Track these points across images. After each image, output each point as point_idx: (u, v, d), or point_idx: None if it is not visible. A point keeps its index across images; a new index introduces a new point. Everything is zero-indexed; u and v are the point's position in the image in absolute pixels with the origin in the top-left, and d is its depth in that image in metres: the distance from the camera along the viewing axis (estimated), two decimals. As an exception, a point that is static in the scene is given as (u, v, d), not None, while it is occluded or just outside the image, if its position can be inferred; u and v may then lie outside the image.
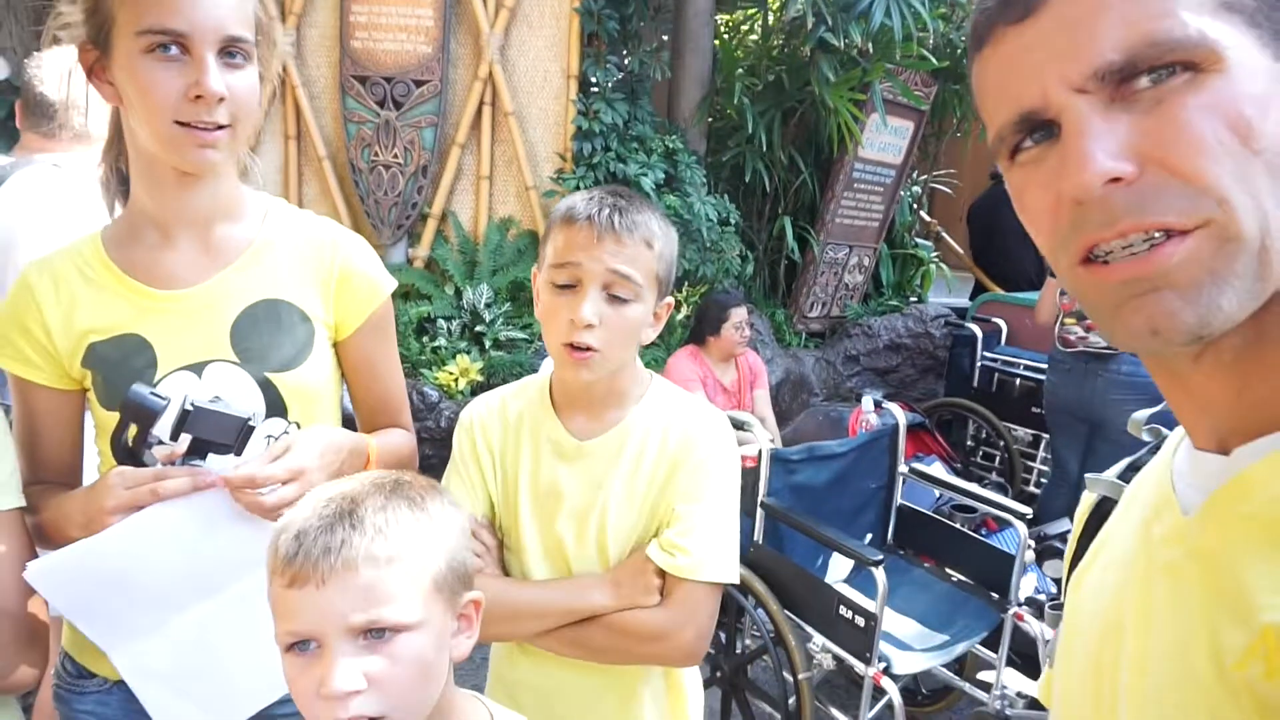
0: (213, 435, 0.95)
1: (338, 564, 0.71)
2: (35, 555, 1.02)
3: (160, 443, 0.98)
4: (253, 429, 0.96)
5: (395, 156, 3.99)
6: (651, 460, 1.11)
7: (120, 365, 1.05)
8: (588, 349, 1.04)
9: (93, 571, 0.94)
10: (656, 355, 3.96)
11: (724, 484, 1.11)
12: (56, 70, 1.80)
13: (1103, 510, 0.70)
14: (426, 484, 0.83)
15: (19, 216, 1.61)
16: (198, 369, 1.05)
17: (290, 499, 0.96)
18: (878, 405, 3.40)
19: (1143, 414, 0.72)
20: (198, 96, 0.95)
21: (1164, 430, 0.68)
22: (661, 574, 1.08)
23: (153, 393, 0.94)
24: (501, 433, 1.16)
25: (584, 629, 1.07)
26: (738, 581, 1.11)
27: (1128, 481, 0.67)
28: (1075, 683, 0.61)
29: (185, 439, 0.96)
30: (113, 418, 1.02)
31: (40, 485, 1.08)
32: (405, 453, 1.24)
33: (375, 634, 0.72)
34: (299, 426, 1.11)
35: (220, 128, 0.98)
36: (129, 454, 0.97)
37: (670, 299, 1.13)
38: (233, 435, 0.96)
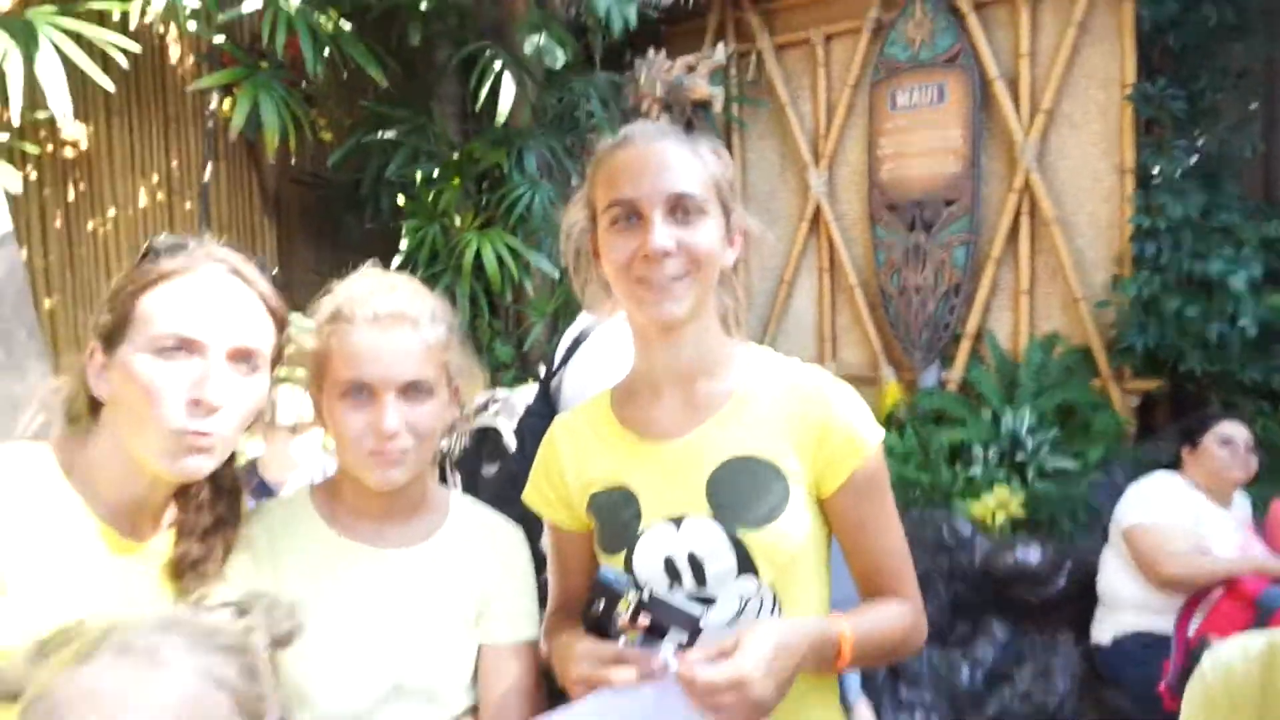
0: (667, 623, 1.00)
1: None
2: (542, 685, 1.15)
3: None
4: (701, 630, 0.99)
5: (925, 278, 3.94)
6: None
7: (613, 515, 1.12)
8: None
9: None
10: None
11: None
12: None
13: None
14: None
15: (586, 369, 1.87)
16: (676, 522, 1.08)
17: (726, 705, 0.91)
18: None
19: None
20: (645, 256, 1.03)
21: None
22: None
23: (618, 576, 1.02)
24: None
25: None
26: None
27: None
28: None
29: (645, 617, 1.02)
30: (606, 559, 1.13)
31: (563, 613, 1.20)
32: (895, 632, 1.10)
33: None
34: (772, 589, 1.07)
35: None
36: (596, 624, 1.03)
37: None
38: (685, 626, 0.99)
